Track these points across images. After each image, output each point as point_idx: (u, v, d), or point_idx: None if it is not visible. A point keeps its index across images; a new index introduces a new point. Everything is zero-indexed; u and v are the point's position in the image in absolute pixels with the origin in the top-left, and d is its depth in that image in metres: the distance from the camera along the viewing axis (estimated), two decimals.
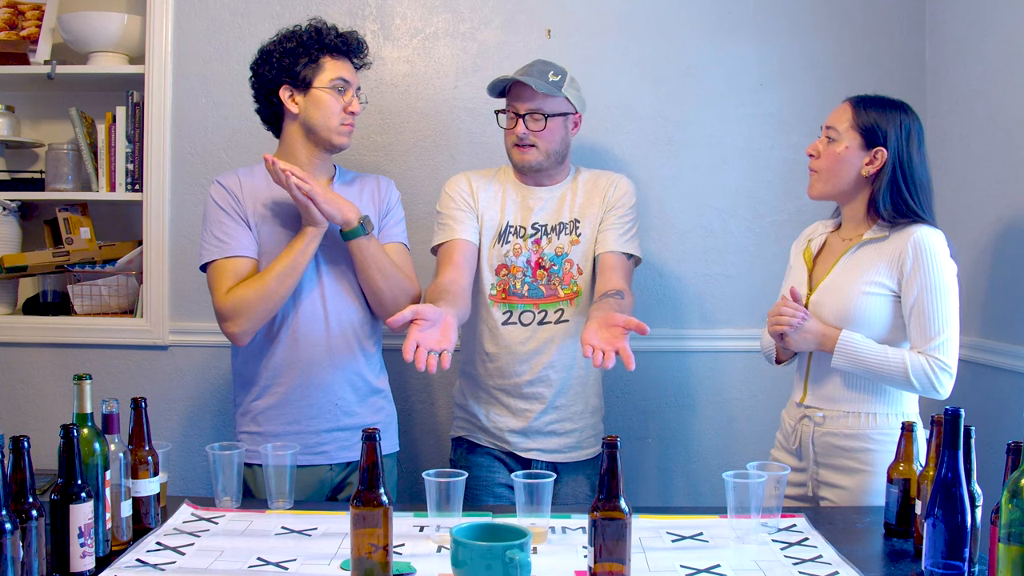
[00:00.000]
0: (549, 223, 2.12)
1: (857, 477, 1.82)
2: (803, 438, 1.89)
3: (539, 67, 2.07)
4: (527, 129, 2.05)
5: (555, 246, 2.10)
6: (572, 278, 2.10)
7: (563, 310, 2.09)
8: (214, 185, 2.02)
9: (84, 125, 2.57)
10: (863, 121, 1.82)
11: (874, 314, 1.81)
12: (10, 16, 2.62)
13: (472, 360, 2.16)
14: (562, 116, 2.07)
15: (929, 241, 1.77)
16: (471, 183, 2.15)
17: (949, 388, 1.77)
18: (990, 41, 2.27)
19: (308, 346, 1.99)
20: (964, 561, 1.27)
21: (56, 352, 2.63)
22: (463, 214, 2.11)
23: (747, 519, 1.56)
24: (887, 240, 1.83)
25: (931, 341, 1.75)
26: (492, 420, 2.12)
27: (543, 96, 2.03)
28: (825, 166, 1.87)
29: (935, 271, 1.76)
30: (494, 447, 2.13)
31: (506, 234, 2.12)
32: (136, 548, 1.47)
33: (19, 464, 1.25)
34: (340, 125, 2.00)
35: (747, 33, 2.60)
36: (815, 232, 2.02)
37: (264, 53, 2.03)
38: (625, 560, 1.28)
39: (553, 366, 2.08)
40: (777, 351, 1.98)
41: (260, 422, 2.01)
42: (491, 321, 2.10)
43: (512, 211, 2.13)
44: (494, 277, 2.11)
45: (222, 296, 1.93)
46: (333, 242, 1.99)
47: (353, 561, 1.30)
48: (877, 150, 1.82)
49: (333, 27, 2.04)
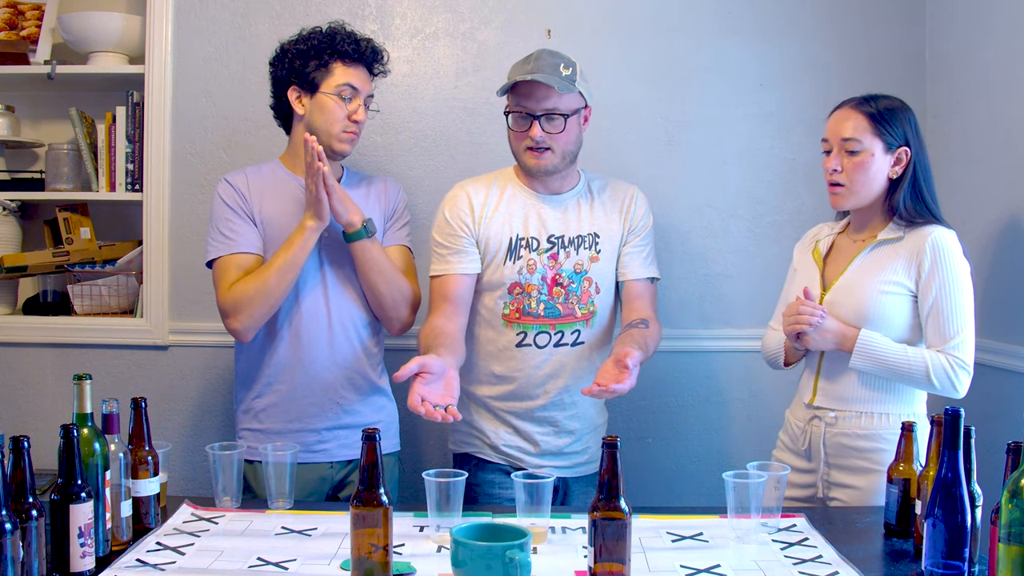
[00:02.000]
0: (566, 235, 1.99)
1: (869, 477, 1.81)
2: (813, 439, 1.88)
3: (548, 60, 1.90)
4: (544, 132, 1.90)
5: (574, 262, 1.98)
6: (590, 297, 2.00)
7: (579, 331, 1.99)
8: (222, 183, 2.03)
9: (84, 125, 2.57)
10: (881, 125, 1.80)
11: (892, 313, 1.81)
12: (10, 16, 2.62)
13: (475, 379, 2.05)
14: (577, 113, 1.94)
15: (946, 242, 1.78)
16: (471, 199, 2.00)
17: (967, 386, 1.77)
18: (990, 41, 2.27)
19: (310, 344, 1.99)
20: (964, 561, 1.27)
21: (56, 352, 2.63)
22: (461, 241, 1.98)
23: (747, 519, 1.56)
24: (903, 240, 1.83)
25: (950, 340, 1.76)
26: (502, 438, 2.03)
27: (559, 94, 1.88)
28: (854, 179, 1.82)
29: (953, 271, 1.77)
30: (505, 463, 2.04)
31: (517, 248, 1.98)
32: (136, 548, 1.47)
33: (19, 464, 1.25)
34: (342, 132, 2.00)
35: (747, 33, 2.60)
36: (821, 233, 2.01)
37: (280, 51, 2.04)
38: (625, 560, 1.28)
39: (568, 390, 2.00)
40: (787, 352, 1.95)
41: (262, 419, 2.02)
42: (502, 342, 2.00)
43: (520, 222, 1.99)
44: (507, 296, 1.98)
45: (224, 292, 1.94)
46: (337, 242, 1.99)
47: (353, 561, 1.30)
48: (901, 150, 1.81)
49: (350, 33, 2.02)
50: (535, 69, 1.88)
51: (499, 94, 1.96)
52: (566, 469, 2.04)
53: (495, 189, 2.02)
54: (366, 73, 2.05)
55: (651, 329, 1.92)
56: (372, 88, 2.07)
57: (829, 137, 1.86)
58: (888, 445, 1.80)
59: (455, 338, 1.90)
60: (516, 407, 2.02)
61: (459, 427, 2.09)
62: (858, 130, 1.81)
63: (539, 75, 1.86)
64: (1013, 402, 2.10)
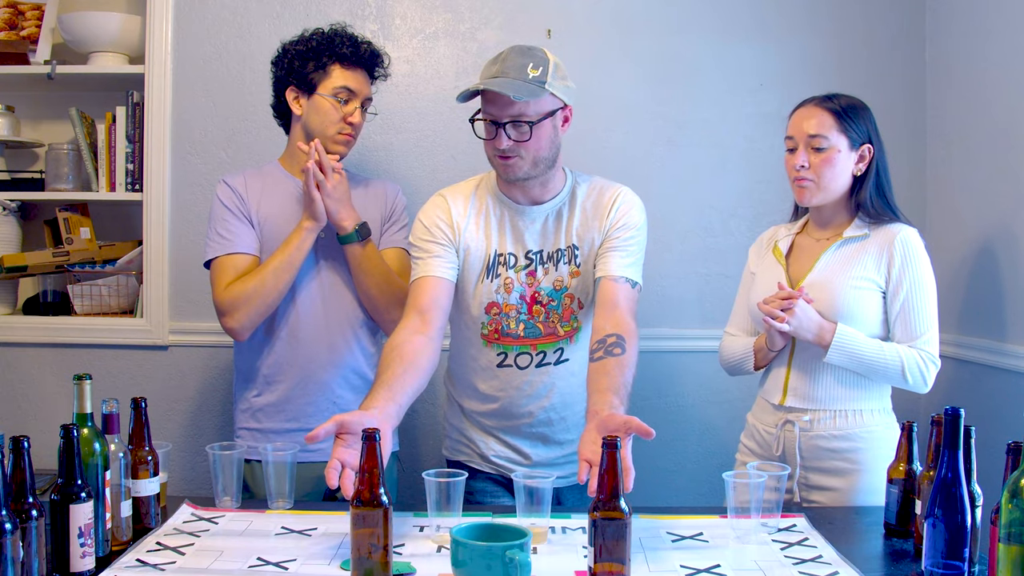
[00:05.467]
0: (545, 249, 1.86)
1: (848, 478, 1.82)
2: (787, 445, 1.86)
3: (515, 60, 1.73)
4: (510, 140, 1.75)
5: (553, 279, 1.85)
6: (572, 314, 1.87)
7: (563, 349, 1.88)
8: (220, 184, 2.04)
9: (84, 125, 2.57)
10: (846, 121, 1.83)
11: (863, 309, 1.82)
12: (10, 16, 2.62)
13: (463, 393, 1.98)
14: (549, 116, 1.76)
15: (913, 241, 1.83)
16: (451, 211, 1.86)
17: (933, 381, 1.81)
18: (990, 41, 2.27)
19: (307, 344, 2.00)
20: (964, 561, 1.27)
21: (56, 352, 2.63)
22: (436, 247, 1.84)
23: (747, 519, 1.55)
24: (869, 238, 1.85)
25: (920, 337, 1.80)
26: (492, 449, 1.96)
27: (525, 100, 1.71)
28: (822, 174, 1.83)
29: (921, 271, 1.82)
30: (496, 473, 1.98)
31: (494, 266, 1.85)
32: (136, 548, 1.47)
33: (19, 464, 1.24)
34: (337, 134, 2.01)
35: (747, 33, 2.60)
36: (778, 234, 2.01)
37: (282, 51, 2.05)
38: (625, 560, 1.28)
39: (554, 408, 1.91)
40: (757, 355, 1.93)
41: (259, 419, 2.02)
42: (484, 360, 1.90)
43: (497, 237, 1.86)
44: (484, 316, 1.86)
45: (221, 291, 1.95)
46: (334, 242, 2.00)
47: (353, 561, 1.30)
48: (865, 147, 1.84)
49: (351, 36, 2.03)
50: (500, 72, 1.72)
51: (459, 100, 1.78)
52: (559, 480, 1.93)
53: (474, 200, 1.88)
54: (365, 76, 2.05)
55: (628, 353, 1.67)
56: (371, 91, 2.07)
57: (794, 135, 1.88)
58: (864, 443, 1.82)
59: (411, 361, 1.67)
60: (504, 424, 1.95)
61: (451, 434, 2.05)
62: (824, 127, 1.83)
63: (498, 81, 1.71)
64: (1013, 402, 2.10)
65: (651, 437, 1.43)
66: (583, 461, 1.45)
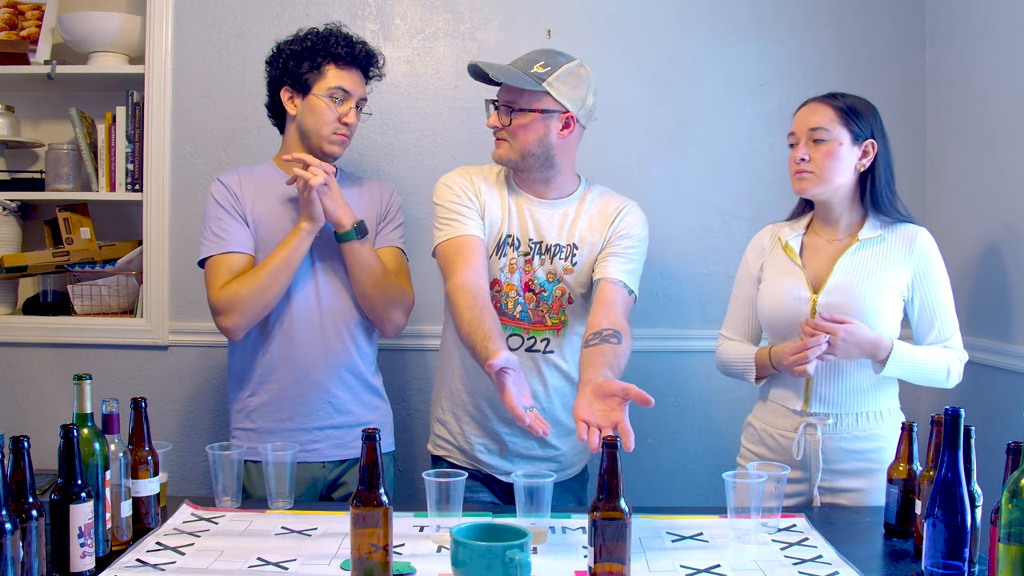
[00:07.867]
0: (544, 241, 1.92)
1: (870, 478, 1.82)
2: (810, 449, 1.85)
3: (531, 57, 1.86)
4: (497, 122, 1.86)
5: (547, 270, 1.91)
6: (561, 307, 1.92)
7: (549, 340, 1.93)
8: (215, 183, 2.03)
9: (84, 125, 2.57)
10: (848, 116, 1.82)
11: (884, 313, 1.82)
12: (10, 16, 2.62)
13: (453, 374, 2.00)
14: (539, 113, 1.82)
15: (931, 243, 1.86)
16: (473, 181, 1.94)
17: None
18: (990, 41, 2.27)
19: (302, 343, 2.00)
20: (964, 561, 1.27)
21: (56, 352, 2.63)
22: (469, 209, 1.89)
23: (747, 519, 1.56)
24: (885, 240, 1.85)
25: (949, 338, 1.84)
26: (470, 442, 1.98)
27: (518, 88, 1.81)
28: (823, 165, 1.82)
29: (941, 272, 1.85)
30: (473, 468, 1.98)
31: (504, 245, 1.91)
32: (136, 548, 1.47)
33: (19, 464, 1.25)
34: (332, 134, 2.00)
35: (747, 33, 2.60)
36: (781, 234, 1.96)
37: (276, 50, 2.05)
38: (625, 560, 1.28)
39: (536, 397, 1.91)
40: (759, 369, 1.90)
41: (255, 419, 2.02)
42: None
43: (507, 219, 1.92)
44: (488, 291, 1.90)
45: (216, 291, 1.95)
46: (330, 242, 2.00)
47: (353, 561, 1.30)
48: (868, 143, 1.83)
49: (346, 35, 2.03)
50: (518, 62, 1.86)
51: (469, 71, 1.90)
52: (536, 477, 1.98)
53: (497, 184, 1.95)
54: (360, 76, 2.05)
55: (622, 345, 1.71)
56: (366, 91, 2.07)
57: (796, 130, 1.88)
58: (885, 442, 1.82)
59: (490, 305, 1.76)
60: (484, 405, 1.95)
61: (435, 428, 2.07)
62: (825, 120, 1.83)
63: (496, 64, 1.84)
64: (1013, 402, 2.10)
65: (650, 405, 1.47)
66: (580, 421, 1.49)
